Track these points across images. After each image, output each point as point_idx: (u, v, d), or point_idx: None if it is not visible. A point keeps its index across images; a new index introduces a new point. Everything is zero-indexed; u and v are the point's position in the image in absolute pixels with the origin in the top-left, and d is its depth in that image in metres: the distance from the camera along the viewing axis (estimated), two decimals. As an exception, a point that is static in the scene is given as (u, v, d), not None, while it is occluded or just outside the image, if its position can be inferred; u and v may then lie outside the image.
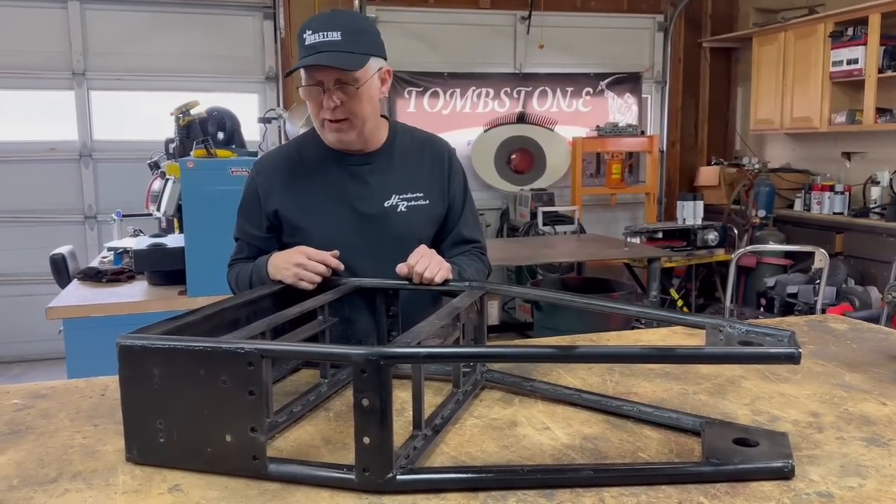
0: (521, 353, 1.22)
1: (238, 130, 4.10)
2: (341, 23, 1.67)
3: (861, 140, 6.04)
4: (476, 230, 1.96)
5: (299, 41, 1.69)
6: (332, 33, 1.64)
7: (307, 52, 1.66)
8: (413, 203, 1.82)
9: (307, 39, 1.66)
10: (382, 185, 1.81)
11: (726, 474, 1.08)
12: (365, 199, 1.80)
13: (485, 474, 1.10)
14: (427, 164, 1.87)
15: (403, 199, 1.81)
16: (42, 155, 5.86)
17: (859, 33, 5.54)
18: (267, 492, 1.08)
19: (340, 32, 1.65)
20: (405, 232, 1.80)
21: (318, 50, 1.64)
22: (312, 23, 1.68)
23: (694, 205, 5.98)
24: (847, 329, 1.96)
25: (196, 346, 1.12)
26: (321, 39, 1.64)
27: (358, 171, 1.81)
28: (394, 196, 1.81)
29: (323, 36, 1.64)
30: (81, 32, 5.81)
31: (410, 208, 1.82)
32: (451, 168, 1.90)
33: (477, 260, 1.91)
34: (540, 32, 6.72)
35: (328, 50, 1.64)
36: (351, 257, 1.73)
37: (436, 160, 1.89)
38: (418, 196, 1.83)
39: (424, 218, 1.84)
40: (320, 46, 1.64)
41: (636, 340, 1.93)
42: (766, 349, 1.11)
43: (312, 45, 1.65)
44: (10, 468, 1.18)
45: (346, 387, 1.52)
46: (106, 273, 3.57)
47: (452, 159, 1.92)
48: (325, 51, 1.64)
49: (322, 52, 1.64)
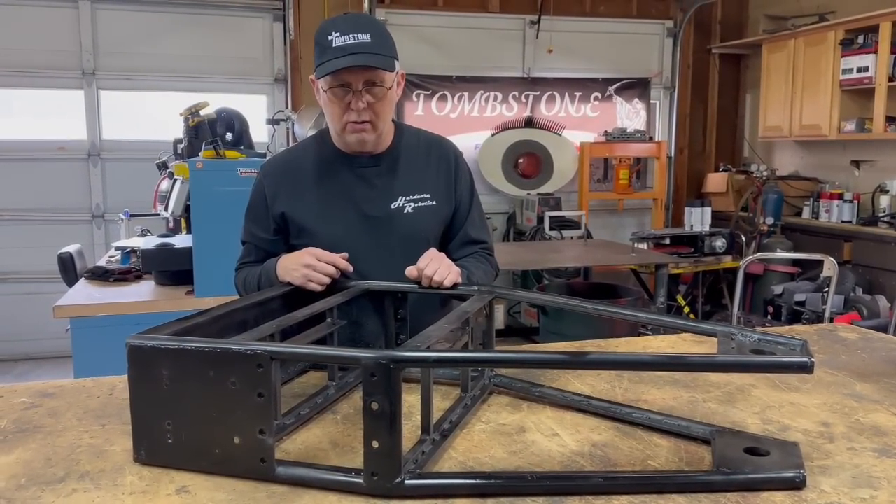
0: (532, 358, 1.22)
1: (247, 131, 4.11)
2: (368, 26, 1.69)
3: (870, 148, 6.02)
4: (483, 231, 1.96)
5: (322, 43, 1.67)
6: (362, 35, 1.65)
7: (337, 54, 1.64)
8: (420, 204, 1.82)
9: (334, 42, 1.65)
10: (389, 187, 1.82)
11: (737, 484, 1.07)
12: (371, 200, 1.81)
13: (493, 480, 1.09)
14: (433, 165, 1.88)
15: (410, 201, 1.82)
16: (51, 154, 5.88)
17: (870, 41, 5.52)
18: (275, 494, 1.07)
19: (369, 35, 1.66)
20: (412, 233, 1.81)
21: (350, 52, 1.64)
22: (338, 26, 1.67)
23: (702, 211, 5.95)
24: (857, 338, 1.94)
25: (206, 347, 1.12)
26: (352, 41, 1.64)
27: (365, 172, 1.82)
28: (400, 197, 1.81)
29: (353, 38, 1.64)
30: (92, 32, 5.83)
31: (417, 209, 1.82)
32: (458, 169, 1.91)
33: (485, 262, 1.91)
34: (549, 37, 6.71)
35: (361, 52, 1.64)
36: (358, 259, 1.74)
37: (442, 161, 1.89)
38: (425, 197, 1.83)
39: (431, 219, 1.84)
40: (352, 48, 1.64)
41: (645, 347, 1.92)
42: (779, 358, 1.10)
43: (342, 46, 1.64)
44: (18, 467, 1.17)
45: (353, 390, 1.52)
46: (113, 272, 3.58)
47: (459, 160, 1.93)
48: (358, 52, 1.64)
49: (356, 54, 1.64)
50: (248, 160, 3.31)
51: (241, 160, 3.29)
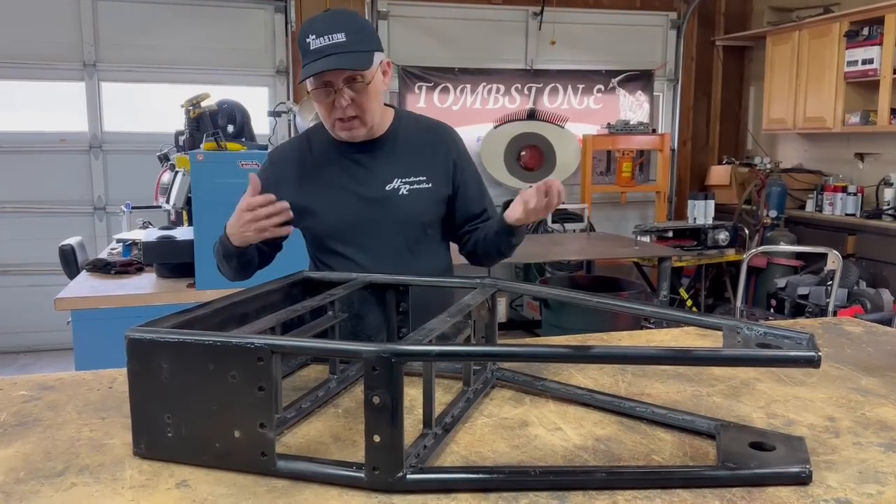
0: (535, 352, 1.21)
1: (248, 123, 4.10)
2: (343, 23, 1.72)
3: (875, 141, 5.99)
4: (489, 201, 2.01)
5: (302, 46, 1.73)
6: (337, 35, 1.69)
7: (315, 57, 1.70)
8: (415, 187, 1.87)
9: (312, 44, 1.70)
10: (385, 170, 1.87)
11: (742, 479, 1.06)
12: (368, 183, 1.87)
13: (496, 475, 1.08)
14: (430, 148, 1.93)
15: (406, 183, 1.87)
16: (52, 146, 5.87)
17: (875, 33, 5.49)
18: (275, 489, 1.06)
19: (344, 33, 1.70)
20: (407, 214, 1.87)
21: (326, 53, 1.69)
22: (314, 27, 1.72)
23: (705, 204, 5.93)
24: (862, 332, 1.93)
25: (206, 340, 1.11)
26: (327, 42, 1.69)
27: (361, 157, 1.88)
28: (395, 180, 1.87)
29: (328, 39, 1.69)
30: (93, 23, 5.81)
31: (412, 192, 1.87)
32: (457, 153, 1.95)
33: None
34: (552, 29, 6.69)
35: (336, 52, 1.69)
36: (356, 240, 1.85)
37: (440, 145, 1.94)
38: (421, 180, 1.88)
39: (426, 201, 1.89)
40: (327, 50, 1.69)
41: (648, 341, 1.91)
42: (785, 352, 1.09)
43: (319, 49, 1.70)
44: (18, 460, 1.17)
45: (355, 383, 1.51)
46: (114, 265, 3.57)
47: (456, 144, 1.97)
48: (333, 53, 1.69)
49: (331, 55, 1.69)
50: (249, 152, 3.30)
51: (242, 152, 3.28)
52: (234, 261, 1.83)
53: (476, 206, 1.97)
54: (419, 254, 1.90)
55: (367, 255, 1.85)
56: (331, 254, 1.90)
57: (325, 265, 1.90)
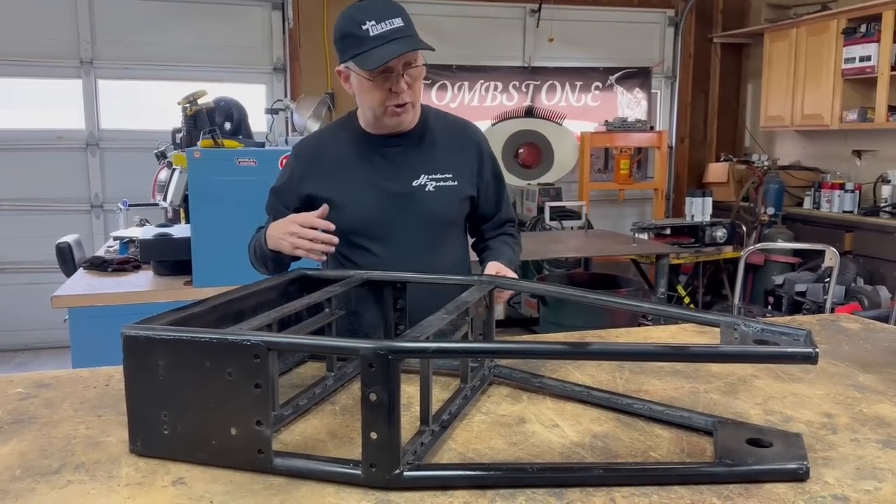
0: (533, 349, 1.20)
1: (245, 121, 4.09)
2: (396, 9, 1.72)
3: (872, 138, 5.99)
4: (510, 209, 2.05)
5: (356, 33, 1.67)
6: (395, 20, 1.69)
7: (378, 42, 1.66)
8: (441, 184, 1.86)
9: (371, 30, 1.66)
10: (412, 165, 1.86)
11: (740, 475, 1.06)
12: (394, 178, 1.85)
13: (493, 472, 1.08)
14: (457, 147, 1.92)
15: (432, 179, 1.86)
16: (49, 143, 5.85)
17: (872, 30, 5.49)
18: (272, 486, 1.06)
19: (400, 18, 1.70)
20: (432, 212, 1.86)
21: (390, 38, 1.67)
22: (370, 13, 1.68)
23: (702, 201, 5.93)
24: (859, 329, 1.93)
25: (202, 337, 1.10)
26: (389, 28, 1.67)
27: (389, 152, 1.87)
28: (423, 176, 1.86)
29: (389, 24, 1.67)
30: (90, 20, 5.79)
31: (438, 188, 1.86)
32: (483, 154, 1.95)
33: (516, 244, 2.01)
34: (549, 26, 6.68)
35: (401, 36, 1.67)
36: (380, 235, 1.84)
37: (467, 145, 1.93)
38: (447, 177, 1.87)
39: (452, 198, 1.88)
40: (390, 35, 1.67)
41: (646, 338, 1.91)
42: (783, 348, 1.09)
43: (382, 34, 1.67)
44: (14, 458, 1.16)
45: (352, 380, 1.51)
46: (112, 262, 3.56)
47: (483, 145, 1.97)
48: (397, 38, 1.67)
49: (397, 40, 1.67)
50: (246, 150, 3.29)
51: (239, 150, 3.27)
52: (270, 262, 1.85)
53: (491, 208, 1.98)
54: (441, 250, 1.90)
55: (390, 250, 1.84)
56: (353, 247, 1.86)
57: (346, 258, 1.87)
